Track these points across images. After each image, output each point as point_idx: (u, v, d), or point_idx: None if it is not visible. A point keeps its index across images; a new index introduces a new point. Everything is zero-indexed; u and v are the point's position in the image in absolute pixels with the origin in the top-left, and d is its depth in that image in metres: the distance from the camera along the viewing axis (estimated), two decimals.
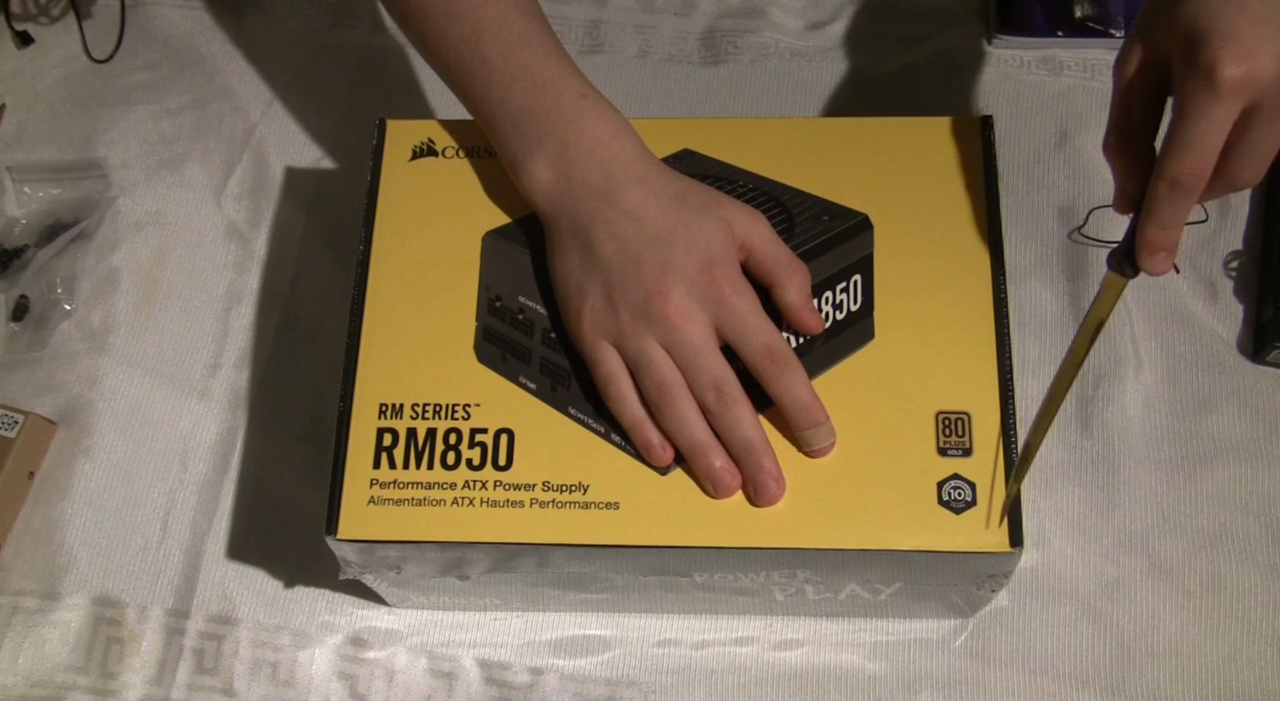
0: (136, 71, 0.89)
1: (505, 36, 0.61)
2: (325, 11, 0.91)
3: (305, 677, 0.71)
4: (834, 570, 0.60)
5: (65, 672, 0.71)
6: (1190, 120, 0.50)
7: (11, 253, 0.82)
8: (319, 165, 0.85)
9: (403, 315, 0.62)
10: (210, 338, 0.80)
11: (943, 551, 0.56)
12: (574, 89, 0.61)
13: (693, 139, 0.65)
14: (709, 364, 0.57)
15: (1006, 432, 0.58)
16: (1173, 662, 0.68)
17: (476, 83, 0.62)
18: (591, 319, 0.59)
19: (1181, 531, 0.71)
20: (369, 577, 0.63)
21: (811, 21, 0.88)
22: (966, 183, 0.63)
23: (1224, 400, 0.74)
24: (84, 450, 0.77)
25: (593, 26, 0.89)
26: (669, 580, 0.62)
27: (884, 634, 0.70)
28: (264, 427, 0.77)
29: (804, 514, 0.57)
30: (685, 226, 0.58)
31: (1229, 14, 0.49)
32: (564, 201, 0.60)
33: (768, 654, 0.70)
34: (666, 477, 0.58)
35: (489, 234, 0.64)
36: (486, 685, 0.70)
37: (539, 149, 0.60)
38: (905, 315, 0.60)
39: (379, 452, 0.59)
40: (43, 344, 0.80)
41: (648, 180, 0.59)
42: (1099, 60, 0.85)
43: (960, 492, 0.56)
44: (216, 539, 0.75)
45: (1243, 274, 0.77)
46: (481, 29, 0.61)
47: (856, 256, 0.62)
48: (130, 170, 0.86)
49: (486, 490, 0.58)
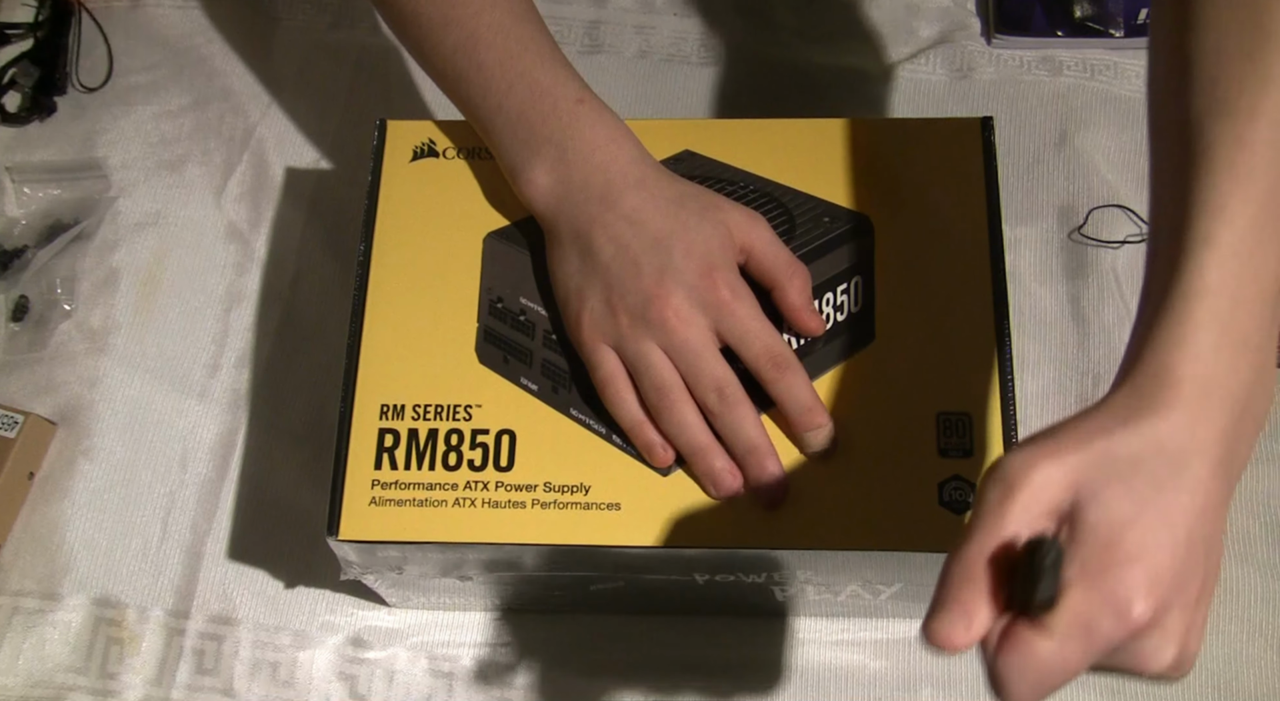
0: (136, 72, 0.89)
1: (502, 43, 0.61)
2: (324, 12, 0.91)
3: (305, 678, 0.71)
4: (835, 571, 0.60)
5: (65, 673, 0.71)
6: None
7: (11, 253, 0.82)
8: (319, 165, 0.85)
9: (404, 316, 0.62)
10: (210, 338, 0.80)
11: (945, 552, 0.56)
12: (571, 94, 0.60)
13: (693, 140, 0.65)
14: (710, 366, 0.57)
15: (1007, 433, 0.58)
16: None
17: (473, 89, 0.61)
18: (590, 322, 0.59)
19: None
20: (370, 578, 0.63)
21: (811, 22, 0.88)
22: (967, 184, 0.63)
23: None
24: (84, 450, 0.77)
25: (592, 27, 0.89)
26: (670, 581, 0.62)
27: (884, 633, 0.70)
28: (264, 428, 0.77)
29: (805, 515, 0.57)
30: (684, 230, 0.58)
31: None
32: (562, 206, 0.60)
33: (769, 653, 0.70)
34: (668, 479, 0.58)
35: (490, 235, 0.64)
36: (487, 684, 0.70)
37: (537, 154, 0.60)
38: (906, 316, 0.60)
39: (380, 453, 0.59)
40: (43, 344, 0.80)
41: (646, 184, 0.59)
42: (1099, 60, 0.85)
43: (961, 493, 0.56)
44: (216, 539, 0.75)
45: None
46: (477, 36, 0.61)
47: (857, 258, 0.62)
48: (130, 170, 0.85)
49: (488, 491, 0.58)
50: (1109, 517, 0.40)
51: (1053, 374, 0.75)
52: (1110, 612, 0.39)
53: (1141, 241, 0.78)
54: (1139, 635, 0.40)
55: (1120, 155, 0.81)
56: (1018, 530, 0.41)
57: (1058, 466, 0.41)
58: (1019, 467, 0.41)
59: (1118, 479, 0.40)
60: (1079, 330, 0.76)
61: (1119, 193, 0.80)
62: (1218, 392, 0.41)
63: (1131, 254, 0.78)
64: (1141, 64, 0.84)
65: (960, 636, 0.40)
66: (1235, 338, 0.42)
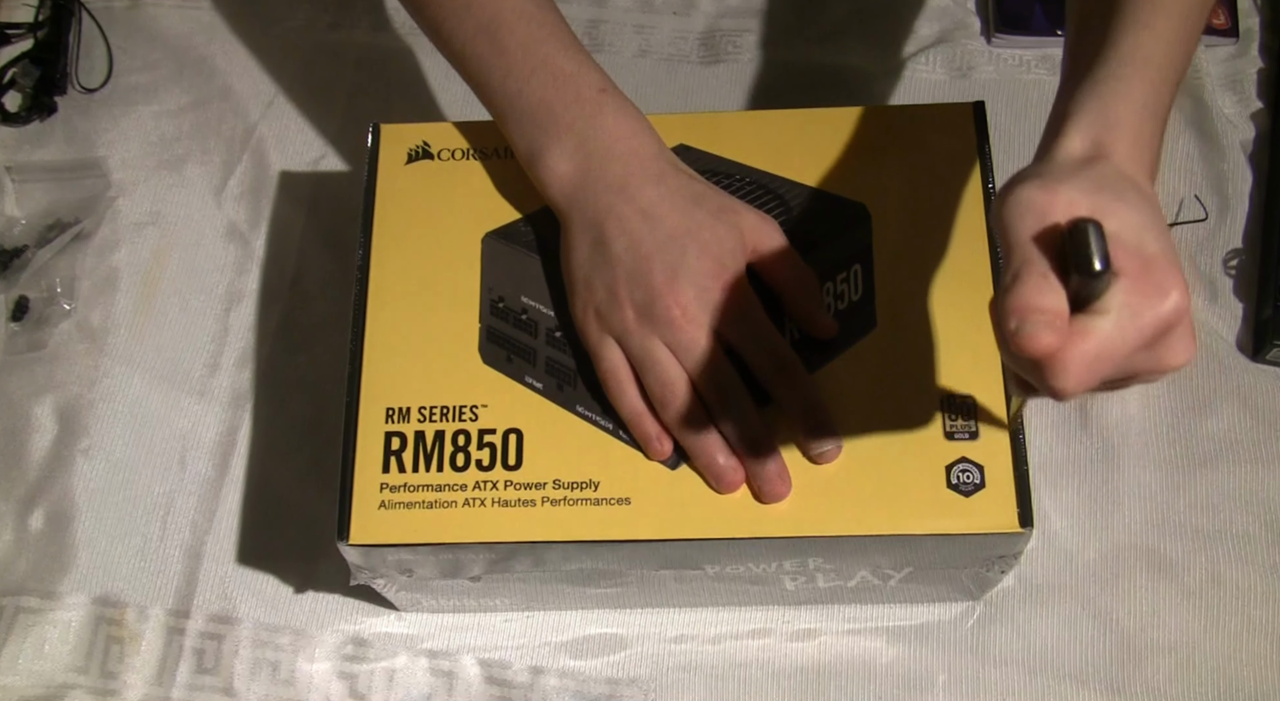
0: (136, 72, 0.89)
1: (524, 28, 0.61)
2: (324, 11, 0.91)
3: (305, 677, 0.71)
4: (846, 557, 0.60)
5: (65, 672, 0.71)
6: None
7: (11, 252, 0.82)
8: (318, 165, 0.85)
9: (406, 318, 0.62)
10: (210, 337, 0.80)
11: (954, 534, 0.56)
12: (594, 83, 0.61)
13: (688, 133, 0.65)
14: (715, 366, 0.57)
15: (1012, 415, 0.58)
16: (1173, 661, 0.68)
17: (494, 73, 0.61)
18: (597, 313, 0.59)
19: (1181, 530, 0.71)
20: (380, 583, 0.63)
21: (811, 21, 0.89)
22: (961, 167, 0.63)
23: (1224, 399, 0.74)
24: (84, 450, 0.77)
25: (592, 26, 0.89)
26: (681, 573, 0.62)
27: (894, 620, 0.70)
28: (264, 427, 0.77)
29: (815, 502, 0.57)
30: (699, 230, 0.58)
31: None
32: (579, 195, 0.60)
33: (782, 644, 0.70)
34: (676, 472, 0.58)
35: (489, 235, 0.64)
36: (487, 684, 0.70)
37: (557, 142, 0.60)
38: (906, 302, 0.61)
39: (388, 456, 0.59)
40: (42, 344, 0.80)
41: (665, 180, 0.59)
42: None
43: (969, 475, 0.57)
44: (216, 538, 0.74)
45: (1242, 272, 0.77)
46: (500, 19, 0.61)
47: (855, 246, 0.62)
48: (130, 170, 0.85)
49: (497, 490, 0.58)
50: (1127, 225, 0.44)
51: None
52: (1153, 300, 0.43)
53: None
54: (1169, 329, 0.43)
55: None
56: (1053, 236, 0.43)
57: (1073, 189, 0.44)
58: (1037, 193, 0.44)
59: (1115, 197, 0.44)
60: None
61: None
62: (1144, 139, 0.49)
63: None
64: None
65: (1043, 297, 0.42)
66: (1156, 109, 0.49)
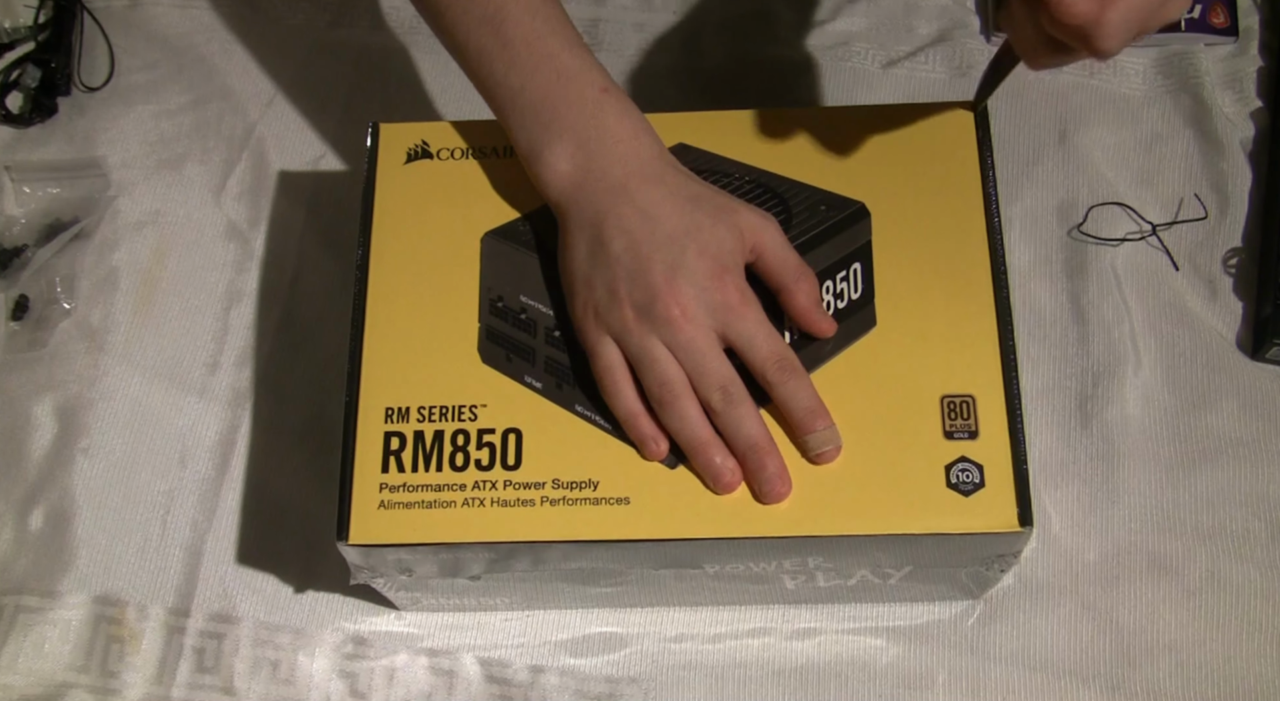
0: (136, 71, 0.89)
1: (529, 22, 0.61)
2: (323, 10, 0.91)
3: (305, 676, 0.71)
4: (846, 556, 0.60)
5: (65, 671, 0.71)
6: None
7: (11, 252, 0.82)
8: (318, 164, 0.85)
9: (404, 318, 0.62)
10: (210, 336, 0.80)
11: (954, 534, 0.56)
12: (596, 82, 0.61)
13: (687, 132, 0.65)
14: (714, 366, 0.57)
15: (1011, 414, 0.58)
16: (1173, 659, 0.68)
17: (496, 67, 0.61)
18: (595, 312, 0.59)
19: (1181, 528, 0.71)
20: (380, 582, 0.63)
21: (811, 21, 0.88)
22: (962, 166, 0.63)
23: (1223, 397, 0.74)
24: (84, 449, 0.77)
25: (592, 25, 0.89)
26: (681, 573, 0.62)
27: (894, 619, 0.70)
28: (264, 426, 0.77)
29: (815, 501, 0.57)
30: (698, 230, 0.58)
31: None
32: (578, 194, 0.60)
33: (782, 643, 0.70)
34: (676, 471, 0.58)
35: (488, 234, 0.64)
36: (487, 683, 0.70)
37: (558, 140, 0.60)
38: (906, 301, 0.61)
39: (387, 456, 0.59)
40: (42, 343, 0.80)
41: (665, 180, 0.59)
42: None
43: (968, 475, 0.57)
44: (216, 537, 0.74)
45: (1242, 271, 0.77)
46: (505, 12, 0.61)
47: (855, 245, 0.62)
48: (130, 170, 0.85)
49: (497, 490, 0.58)
50: None
51: (1053, 371, 0.76)
52: None
53: (1141, 239, 0.78)
54: None
55: (1120, 153, 0.82)
56: None
57: None
58: None
59: None
60: (1079, 327, 0.76)
61: (1118, 190, 0.80)
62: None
63: (1131, 251, 0.78)
64: (1142, 64, 0.84)
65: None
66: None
